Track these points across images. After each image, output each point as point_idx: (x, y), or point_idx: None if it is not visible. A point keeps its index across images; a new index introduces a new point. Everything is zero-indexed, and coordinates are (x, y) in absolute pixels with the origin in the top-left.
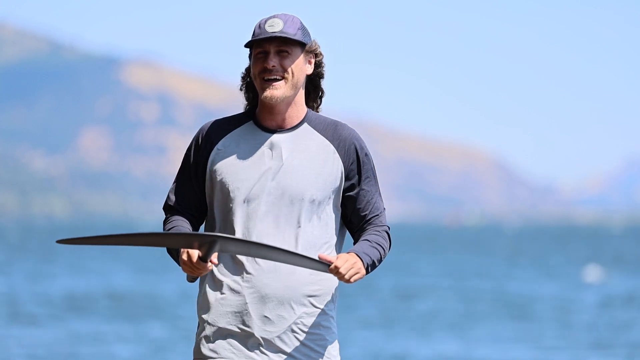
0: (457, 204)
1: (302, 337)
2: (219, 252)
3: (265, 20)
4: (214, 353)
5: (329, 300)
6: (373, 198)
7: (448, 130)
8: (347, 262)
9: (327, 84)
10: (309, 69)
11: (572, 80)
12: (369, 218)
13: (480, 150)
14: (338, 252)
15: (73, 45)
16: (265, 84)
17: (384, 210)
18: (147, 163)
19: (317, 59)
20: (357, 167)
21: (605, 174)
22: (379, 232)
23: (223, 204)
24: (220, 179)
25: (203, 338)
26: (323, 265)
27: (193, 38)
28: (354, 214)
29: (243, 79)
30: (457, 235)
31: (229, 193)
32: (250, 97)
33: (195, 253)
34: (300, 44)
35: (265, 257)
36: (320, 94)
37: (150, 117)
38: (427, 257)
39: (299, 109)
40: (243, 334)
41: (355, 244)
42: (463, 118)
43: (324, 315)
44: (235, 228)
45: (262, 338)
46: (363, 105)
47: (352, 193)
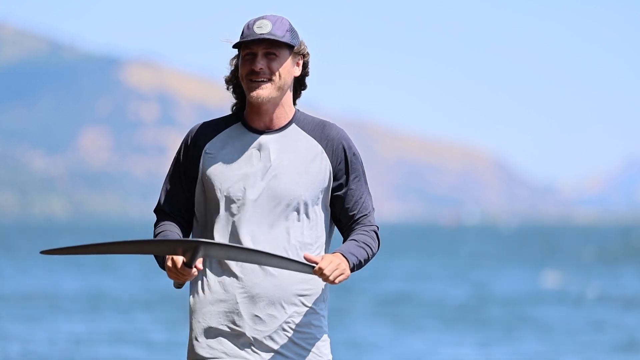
0: (457, 204)
1: (293, 336)
2: (203, 257)
3: (254, 21)
4: (207, 353)
5: (320, 300)
6: (362, 198)
7: (448, 130)
8: (331, 263)
9: (327, 84)
10: (297, 71)
11: (572, 80)
12: (358, 218)
13: (480, 150)
14: (327, 251)
15: (73, 45)
16: (252, 85)
17: (373, 210)
18: (147, 163)
19: (304, 59)
20: (345, 166)
21: (605, 174)
22: (367, 231)
23: (213, 206)
24: (210, 181)
25: (195, 338)
26: (308, 267)
27: (193, 38)
28: (343, 214)
29: (229, 82)
30: (445, 236)
31: (217, 194)
32: (238, 98)
33: (180, 259)
34: (289, 46)
35: (249, 260)
36: (303, 87)
37: (150, 117)
38: (397, 259)
39: (287, 110)
40: (234, 334)
41: (343, 244)
42: (463, 118)
43: (315, 314)
44: (225, 230)
45: (253, 337)
46: (363, 105)
47: (340, 193)
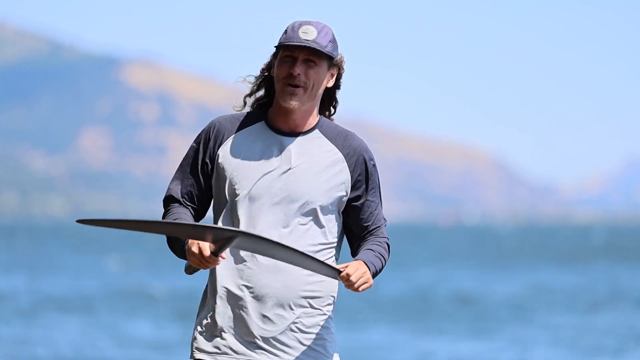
0: (457, 204)
1: (300, 336)
2: (234, 248)
3: (300, 25)
4: (214, 350)
5: (328, 302)
6: (376, 209)
7: (448, 130)
8: (357, 270)
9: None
10: (330, 82)
11: (572, 80)
12: (371, 229)
13: (480, 150)
14: (337, 259)
15: (73, 45)
16: (287, 89)
17: (385, 222)
18: (147, 163)
19: (339, 72)
20: (364, 178)
21: (605, 174)
22: (381, 243)
23: (227, 200)
24: (227, 175)
25: (201, 336)
26: (335, 272)
27: (193, 38)
28: (356, 224)
29: (262, 72)
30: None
31: (234, 190)
32: (264, 93)
33: (207, 246)
34: (329, 57)
35: (278, 257)
36: (334, 104)
37: (150, 117)
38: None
39: (312, 116)
40: (242, 333)
41: (360, 253)
42: (463, 118)
43: (323, 316)
44: (237, 226)
45: (261, 337)
46: (363, 105)
47: (357, 203)
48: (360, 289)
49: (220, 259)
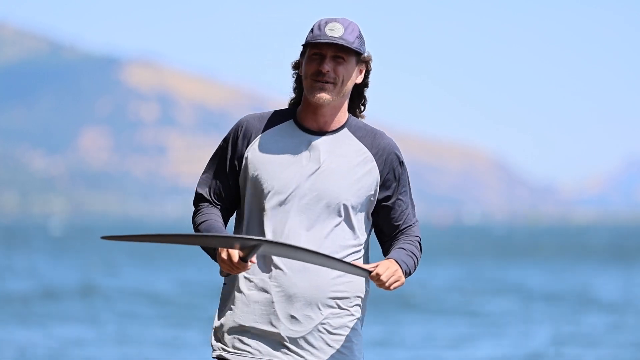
0: (457, 204)
1: (327, 337)
2: (260, 254)
3: (326, 22)
4: (239, 349)
5: (356, 303)
6: (407, 209)
7: (448, 130)
8: (388, 269)
9: None
10: (359, 79)
11: (572, 80)
12: (403, 228)
13: (480, 150)
14: (365, 259)
15: (73, 45)
16: (316, 84)
17: (417, 222)
18: (147, 163)
19: (367, 68)
20: (394, 177)
21: (605, 174)
22: (413, 241)
23: (256, 200)
24: (256, 175)
25: (225, 334)
26: (365, 272)
27: (193, 38)
28: (387, 224)
29: (294, 68)
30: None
31: (263, 190)
32: (296, 90)
33: (236, 253)
34: (356, 53)
35: (309, 261)
36: (363, 101)
37: (150, 117)
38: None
39: (341, 114)
40: (269, 333)
41: (392, 252)
42: (463, 118)
43: (351, 317)
44: (266, 225)
45: (288, 337)
46: None
47: (388, 203)
48: (392, 288)
49: (250, 264)
